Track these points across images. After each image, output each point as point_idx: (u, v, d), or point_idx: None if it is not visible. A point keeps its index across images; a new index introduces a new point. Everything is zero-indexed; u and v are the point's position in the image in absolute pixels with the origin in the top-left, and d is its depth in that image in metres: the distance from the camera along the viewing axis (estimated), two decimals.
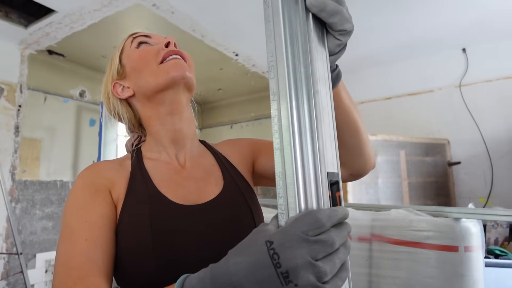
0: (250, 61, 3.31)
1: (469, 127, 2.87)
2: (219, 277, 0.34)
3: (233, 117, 4.51)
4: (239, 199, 0.64)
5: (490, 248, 1.95)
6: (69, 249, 0.51)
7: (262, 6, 0.42)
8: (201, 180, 0.65)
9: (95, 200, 0.56)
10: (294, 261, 0.31)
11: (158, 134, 0.66)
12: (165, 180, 0.62)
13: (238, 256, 0.35)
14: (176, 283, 0.37)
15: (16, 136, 2.86)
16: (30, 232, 2.88)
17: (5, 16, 2.51)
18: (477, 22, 2.57)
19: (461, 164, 2.86)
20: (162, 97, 0.63)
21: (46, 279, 2.95)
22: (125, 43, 0.70)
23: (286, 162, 0.36)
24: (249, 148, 0.74)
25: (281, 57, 0.38)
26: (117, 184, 0.60)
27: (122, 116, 0.70)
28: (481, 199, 2.76)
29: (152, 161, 0.65)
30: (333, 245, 0.33)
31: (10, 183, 2.80)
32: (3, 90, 2.47)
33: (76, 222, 0.54)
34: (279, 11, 0.39)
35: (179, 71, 0.61)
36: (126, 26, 2.60)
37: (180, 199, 0.60)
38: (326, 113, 0.39)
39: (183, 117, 0.66)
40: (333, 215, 0.34)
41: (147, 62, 0.63)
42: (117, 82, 0.68)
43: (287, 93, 0.37)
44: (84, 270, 0.49)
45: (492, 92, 2.83)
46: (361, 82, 3.45)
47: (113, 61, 0.70)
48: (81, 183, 0.58)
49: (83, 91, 3.42)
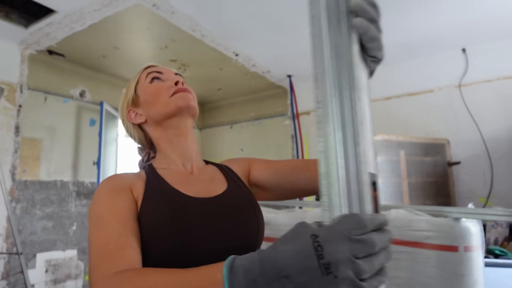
0: (250, 61, 3.31)
1: (469, 127, 2.87)
2: (266, 261, 0.38)
3: (233, 117, 4.50)
4: (242, 195, 0.74)
5: (490, 248, 1.95)
6: (103, 231, 0.58)
7: (262, 6, 0.44)
8: (208, 181, 0.75)
9: (120, 196, 0.64)
10: (336, 255, 0.35)
11: (167, 150, 0.77)
12: (177, 181, 0.71)
13: (285, 245, 0.38)
14: (226, 260, 0.41)
15: (16, 136, 2.87)
16: (30, 232, 2.89)
17: (5, 16, 2.51)
18: (477, 22, 2.57)
19: (461, 164, 2.86)
20: (170, 123, 0.76)
21: (46, 279, 2.95)
22: (140, 75, 0.81)
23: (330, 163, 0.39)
24: (246, 162, 0.84)
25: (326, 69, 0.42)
26: (136, 186, 0.68)
27: (134, 136, 0.83)
28: (481, 199, 2.76)
29: (164, 170, 0.75)
30: (373, 247, 0.36)
31: (10, 183, 2.80)
32: (3, 90, 2.47)
33: (106, 212, 0.61)
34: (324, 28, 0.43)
35: (185, 102, 0.74)
36: (126, 26, 2.60)
37: (192, 194, 0.69)
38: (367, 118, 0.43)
39: (188, 138, 0.78)
40: (375, 219, 0.38)
41: (159, 96, 0.76)
42: (131, 109, 0.80)
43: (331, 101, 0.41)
44: (120, 244, 0.56)
45: (492, 92, 2.83)
46: None
47: (129, 90, 0.81)
48: (105, 187, 0.66)
49: (83, 91, 3.42)
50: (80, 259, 3.23)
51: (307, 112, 3.84)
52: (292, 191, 0.79)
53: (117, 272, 0.51)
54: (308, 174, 0.75)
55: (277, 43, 2.93)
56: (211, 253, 0.61)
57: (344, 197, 0.38)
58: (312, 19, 0.46)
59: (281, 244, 0.39)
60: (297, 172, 0.77)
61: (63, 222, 3.14)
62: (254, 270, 0.38)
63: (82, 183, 3.34)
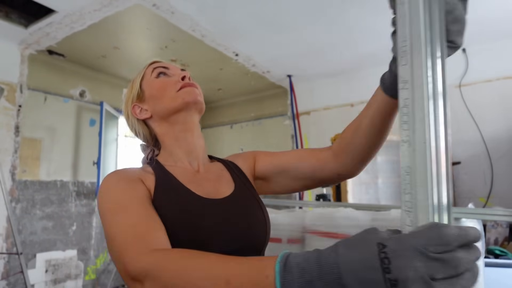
0: (250, 61, 3.31)
1: (469, 127, 2.87)
2: (324, 262, 0.34)
3: (233, 117, 4.50)
4: (249, 196, 0.73)
5: (490, 248, 1.95)
6: (126, 216, 0.55)
7: (262, 6, 0.41)
8: (215, 181, 0.74)
9: (135, 184, 0.63)
10: (406, 272, 0.30)
11: (173, 148, 0.75)
12: (186, 179, 0.70)
13: (347, 249, 0.35)
14: (279, 255, 0.37)
15: (16, 136, 2.87)
16: (30, 232, 2.89)
17: (5, 16, 2.51)
18: (477, 22, 2.57)
19: (461, 164, 2.86)
20: (176, 118, 0.74)
21: (46, 279, 2.95)
22: (146, 70, 0.79)
23: (417, 156, 0.33)
24: (251, 156, 0.83)
25: (418, 41, 0.34)
26: (147, 179, 0.67)
27: (139, 132, 0.80)
28: (481, 199, 2.76)
29: (171, 166, 0.73)
30: (456, 268, 0.30)
31: (10, 183, 2.80)
32: (3, 90, 2.47)
33: (125, 197, 0.59)
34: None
35: (193, 97, 0.74)
36: (126, 26, 2.60)
37: (203, 194, 0.68)
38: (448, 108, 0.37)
39: (194, 134, 0.77)
40: (462, 235, 0.32)
41: (166, 90, 0.74)
42: (136, 104, 0.78)
43: (423, 82, 0.34)
44: (148, 226, 0.54)
45: (492, 92, 2.83)
46: (361, 82, 3.45)
47: (134, 85, 0.79)
48: (115, 178, 0.64)
49: (83, 91, 3.42)
50: (80, 259, 3.23)
51: (307, 112, 3.84)
52: (297, 180, 0.77)
53: (156, 249, 0.49)
54: (312, 161, 0.74)
55: (277, 43, 2.93)
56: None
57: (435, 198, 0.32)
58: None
59: (343, 247, 0.35)
60: (301, 159, 0.75)
61: (63, 222, 3.14)
62: (311, 271, 0.35)
63: (82, 183, 3.34)
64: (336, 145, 0.72)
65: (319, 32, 2.72)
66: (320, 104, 3.77)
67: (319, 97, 3.78)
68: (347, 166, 0.71)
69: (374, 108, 0.64)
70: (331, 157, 0.72)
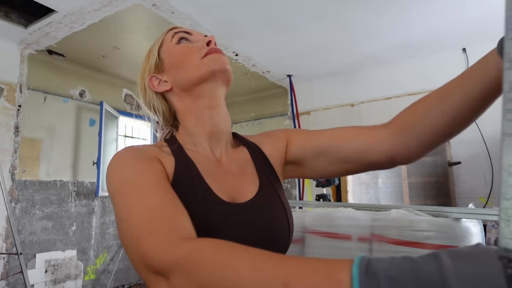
0: (250, 61, 3.30)
1: (469, 127, 2.86)
2: (425, 274, 0.27)
3: (233, 117, 4.50)
4: (274, 198, 0.64)
5: None
6: (146, 197, 0.47)
7: (262, 6, 0.39)
8: (238, 176, 0.64)
9: (152, 163, 0.54)
10: None
11: (194, 128, 0.65)
12: (208, 173, 0.61)
13: (457, 261, 0.27)
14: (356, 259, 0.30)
15: (16, 136, 2.86)
16: (30, 232, 2.88)
17: (5, 16, 2.50)
18: (477, 22, 2.57)
19: (461, 164, 2.86)
20: (200, 90, 0.64)
21: (46, 279, 2.95)
22: (164, 37, 0.70)
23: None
24: (283, 137, 0.72)
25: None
26: (165, 161, 0.58)
27: (157, 108, 0.68)
28: (481, 199, 2.76)
29: (192, 151, 0.63)
30: None
31: (10, 183, 2.80)
32: (3, 90, 2.47)
33: (142, 177, 0.51)
34: None
35: (220, 65, 0.63)
36: (126, 26, 2.60)
37: (224, 195, 0.59)
38: None
39: (220, 112, 0.67)
40: None
41: (189, 57, 0.64)
42: (154, 75, 0.67)
43: None
44: (172, 211, 0.46)
45: None
46: (361, 82, 3.45)
47: (151, 54, 0.69)
48: (129, 155, 0.55)
49: (83, 91, 3.42)
50: (79, 259, 3.23)
51: (307, 112, 3.84)
52: (337, 164, 0.65)
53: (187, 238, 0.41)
54: (360, 140, 0.62)
55: (277, 43, 2.93)
56: None
57: None
58: None
59: (450, 259, 0.28)
60: (345, 138, 0.64)
61: (63, 222, 3.13)
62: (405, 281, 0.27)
63: (82, 183, 3.33)
64: (398, 122, 0.60)
65: (319, 32, 2.72)
66: (320, 104, 3.77)
67: (319, 97, 3.78)
68: (408, 148, 0.58)
69: (478, 78, 0.51)
70: (388, 136, 0.60)
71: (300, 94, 3.84)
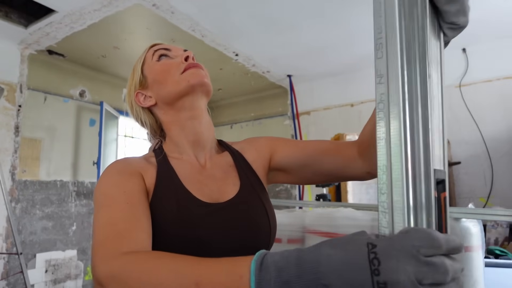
0: (250, 61, 3.30)
1: (469, 127, 2.87)
2: (305, 262, 0.32)
3: (233, 117, 4.50)
4: (254, 199, 0.68)
5: (490, 248, 1.95)
6: (111, 210, 0.53)
7: (262, 6, 0.40)
8: (221, 179, 0.69)
9: (131, 178, 0.60)
10: (396, 274, 0.28)
11: (179, 138, 0.70)
12: (189, 178, 0.66)
13: (332, 249, 0.32)
14: (255, 255, 0.35)
15: (16, 136, 2.86)
16: (30, 232, 2.89)
17: (5, 16, 2.51)
18: (477, 22, 2.57)
19: (461, 164, 2.86)
20: (182, 104, 0.68)
21: (46, 279, 2.95)
22: (146, 54, 0.75)
23: (393, 155, 0.32)
24: (267, 145, 0.76)
25: (393, 33, 0.33)
26: (147, 173, 0.63)
27: (145, 122, 0.75)
28: (481, 199, 2.76)
29: (176, 159, 0.69)
30: (445, 274, 0.29)
31: (10, 183, 2.80)
32: (3, 90, 2.47)
33: (115, 191, 0.56)
34: None
35: (198, 79, 0.67)
36: (126, 26, 2.60)
37: (205, 197, 0.64)
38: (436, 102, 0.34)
39: (202, 122, 0.71)
40: (451, 240, 0.30)
41: (169, 73, 0.69)
42: (139, 91, 0.73)
43: (399, 75, 0.32)
44: (130, 225, 0.51)
45: (492, 92, 2.83)
46: (361, 82, 3.45)
47: (135, 72, 0.75)
48: (114, 168, 0.62)
49: (83, 91, 3.42)
50: (80, 259, 3.23)
51: (307, 112, 3.84)
52: (316, 175, 0.70)
53: (126, 252, 0.45)
54: (338, 158, 0.66)
55: (277, 43, 2.93)
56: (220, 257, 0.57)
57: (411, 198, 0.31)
58: None
59: (326, 247, 0.33)
60: (326, 155, 0.68)
61: (63, 222, 3.13)
62: (289, 270, 0.32)
63: (82, 183, 3.34)
64: (360, 141, 0.64)
65: (319, 32, 2.72)
66: (320, 104, 3.77)
67: (319, 97, 3.79)
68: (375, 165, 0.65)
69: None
70: (357, 155, 0.64)
71: (300, 94, 3.84)
